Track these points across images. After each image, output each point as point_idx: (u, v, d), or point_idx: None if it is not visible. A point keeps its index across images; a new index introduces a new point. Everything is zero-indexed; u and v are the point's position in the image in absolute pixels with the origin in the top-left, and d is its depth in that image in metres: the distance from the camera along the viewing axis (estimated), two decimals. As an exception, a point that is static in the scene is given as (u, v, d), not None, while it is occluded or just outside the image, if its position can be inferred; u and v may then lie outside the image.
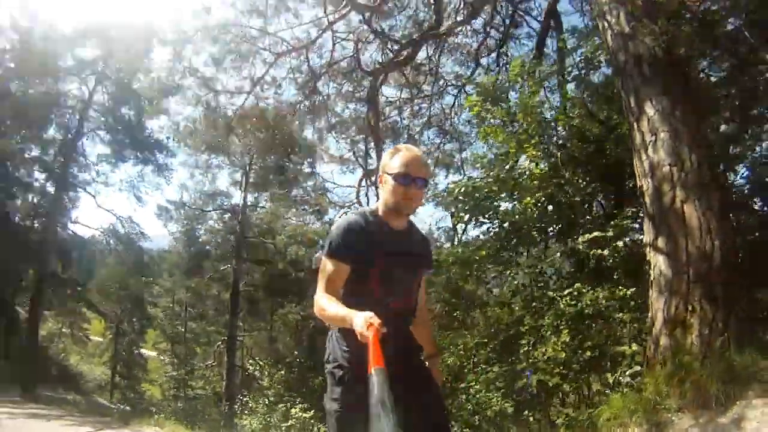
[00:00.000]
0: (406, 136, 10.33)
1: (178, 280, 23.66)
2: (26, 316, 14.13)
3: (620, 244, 4.13)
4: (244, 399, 11.84)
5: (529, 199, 5.27)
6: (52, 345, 17.93)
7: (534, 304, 4.91)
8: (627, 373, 3.59)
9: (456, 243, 9.25)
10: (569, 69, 6.37)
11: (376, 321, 1.36)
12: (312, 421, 7.40)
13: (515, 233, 5.61)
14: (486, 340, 5.33)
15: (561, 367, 4.01)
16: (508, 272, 5.66)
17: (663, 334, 3.62)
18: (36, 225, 14.55)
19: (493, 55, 9.18)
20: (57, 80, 13.37)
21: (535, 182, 5.11)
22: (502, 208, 5.74)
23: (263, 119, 9.56)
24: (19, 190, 14.47)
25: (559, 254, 5.01)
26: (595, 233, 4.21)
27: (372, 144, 8.80)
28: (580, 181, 5.20)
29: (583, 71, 5.82)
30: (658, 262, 3.83)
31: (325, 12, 7.76)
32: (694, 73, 5.02)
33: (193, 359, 24.05)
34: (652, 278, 3.85)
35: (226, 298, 20.02)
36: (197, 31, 8.26)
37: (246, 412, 10.54)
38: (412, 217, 1.90)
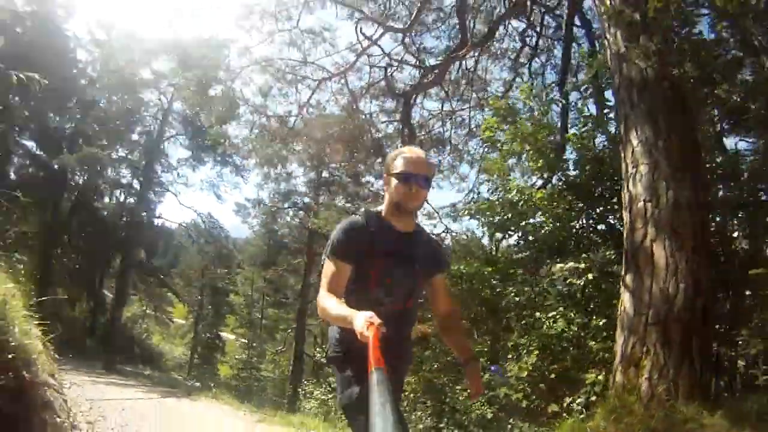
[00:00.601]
0: (449, 147, 10.65)
1: (257, 270, 26.02)
2: (112, 299, 16.76)
3: (590, 276, 4.20)
4: (306, 384, 12.98)
5: (546, 217, 5.45)
6: (136, 326, 20.75)
7: (524, 322, 5.10)
8: (577, 401, 3.74)
9: (493, 252, 9.41)
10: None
11: (377, 321, 1.38)
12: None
13: (531, 249, 5.80)
14: (486, 349, 5.65)
15: (526, 385, 4.25)
16: (510, 289, 5.85)
17: (619, 370, 3.70)
18: (124, 218, 17.06)
19: (536, 61, 9.14)
20: (137, 90, 15.58)
21: (531, 206, 5.26)
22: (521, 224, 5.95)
23: (312, 136, 10.54)
24: (108, 187, 17.14)
25: (554, 277, 5.12)
26: (570, 263, 4.33)
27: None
28: (582, 205, 5.25)
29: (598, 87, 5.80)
30: (624, 299, 3.88)
31: (358, 39, 8.42)
32: (699, 92, 4.79)
33: (267, 344, 26.34)
34: (618, 313, 3.92)
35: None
36: (243, 68, 9.42)
37: (307, 395, 11.59)
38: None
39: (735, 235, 4.78)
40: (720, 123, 5.41)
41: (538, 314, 4.85)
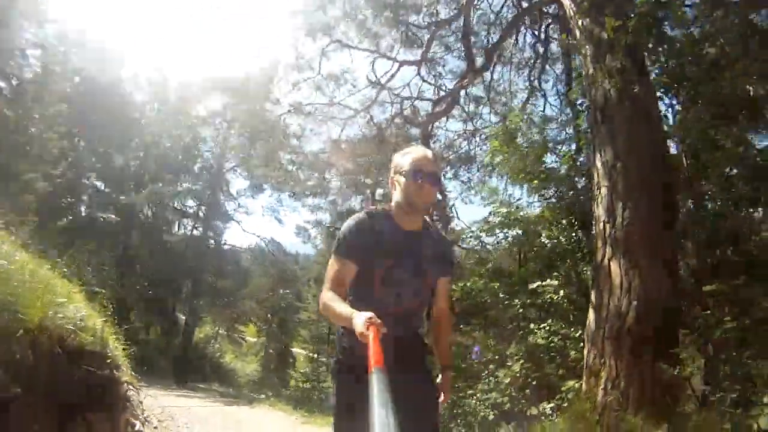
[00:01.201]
0: (476, 164, 11.26)
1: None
2: (184, 321, 18.89)
3: (562, 292, 4.70)
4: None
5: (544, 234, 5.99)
6: (209, 345, 22.96)
7: (521, 332, 5.64)
8: (549, 406, 4.28)
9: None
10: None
11: (377, 321, 1.40)
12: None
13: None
14: (497, 356, 6.25)
15: (511, 390, 4.83)
16: (516, 301, 6.37)
17: (584, 379, 4.18)
18: (192, 246, 19.18)
19: (555, 69, 9.52)
20: (194, 127, 17.73)
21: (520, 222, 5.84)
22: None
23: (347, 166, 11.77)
24: (175, 218, 19.45)
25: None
26: (547, 280, 4.86)
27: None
28: (572, 224, 5.70)
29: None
30: (590, 314, 4.34)
31: (376, 77, 9.43)
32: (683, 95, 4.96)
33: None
34: (586, 327, 4.38)
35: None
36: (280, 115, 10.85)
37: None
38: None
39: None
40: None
41: (532, 325, 5.40)
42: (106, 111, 15.22)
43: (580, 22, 5.26)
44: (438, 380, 1.96)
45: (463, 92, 8.77)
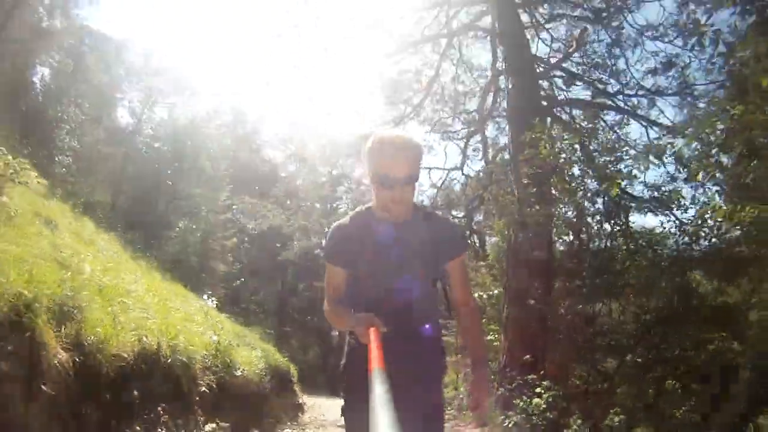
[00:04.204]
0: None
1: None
2: (337, 341, 26.98)
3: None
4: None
5: None
6: (362, 362, 30.99)
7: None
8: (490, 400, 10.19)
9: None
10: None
11: (377, 322, 1.63)
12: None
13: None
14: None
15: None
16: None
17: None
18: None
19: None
20: (332, 184, 25.64)
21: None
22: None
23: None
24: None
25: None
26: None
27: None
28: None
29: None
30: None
31: (432, 182, 15.14)
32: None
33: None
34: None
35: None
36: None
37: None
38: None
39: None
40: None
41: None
42: (251, 180, 23.50)
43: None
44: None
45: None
